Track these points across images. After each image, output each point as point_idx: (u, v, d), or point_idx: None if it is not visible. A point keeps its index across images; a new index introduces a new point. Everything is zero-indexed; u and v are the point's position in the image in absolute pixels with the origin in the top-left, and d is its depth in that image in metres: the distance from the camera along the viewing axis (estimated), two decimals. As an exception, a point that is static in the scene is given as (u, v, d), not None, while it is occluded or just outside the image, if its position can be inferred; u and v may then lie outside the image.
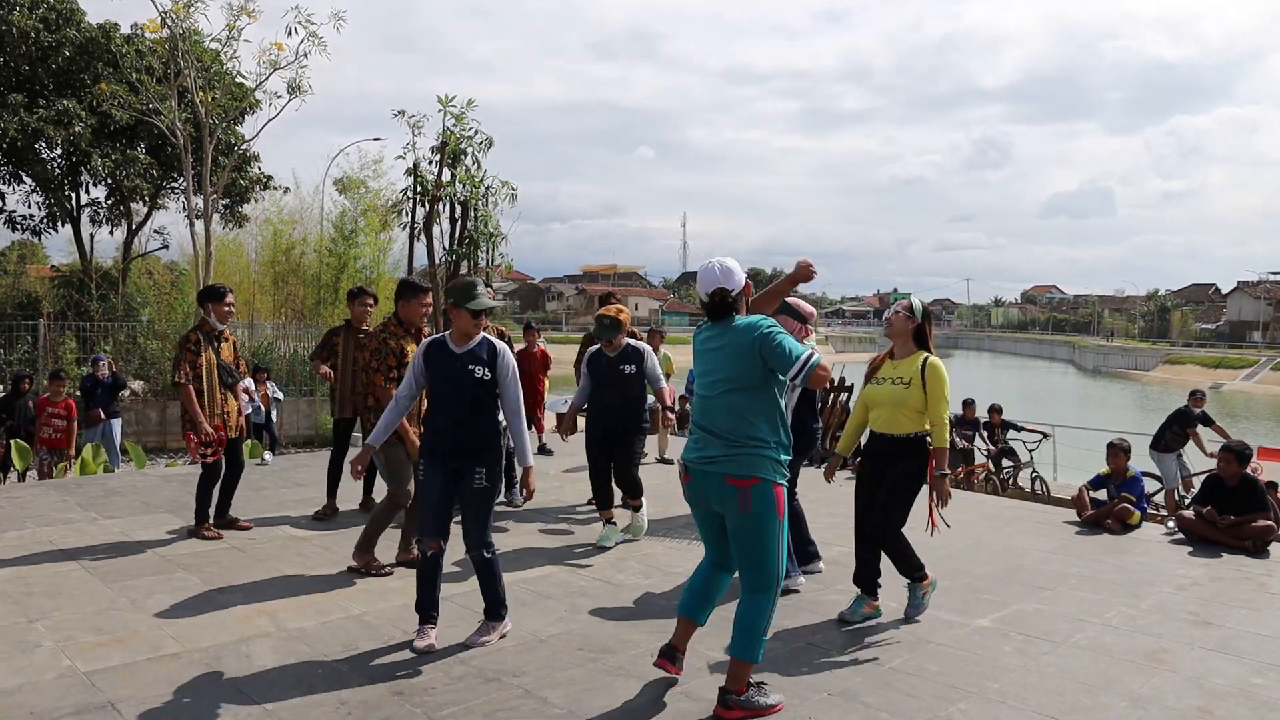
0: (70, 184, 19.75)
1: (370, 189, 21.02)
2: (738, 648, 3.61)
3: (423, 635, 4.30)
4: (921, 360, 4.72)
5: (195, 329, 6.31)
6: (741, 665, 3.62)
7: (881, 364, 4.94)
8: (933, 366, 4.69)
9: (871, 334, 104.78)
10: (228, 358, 6.41)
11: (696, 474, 3.71)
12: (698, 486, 3.72)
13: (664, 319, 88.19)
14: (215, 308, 6.30)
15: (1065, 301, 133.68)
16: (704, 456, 3.67)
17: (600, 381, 6.46)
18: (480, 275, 12.71)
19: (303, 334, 19.60)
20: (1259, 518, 6.54)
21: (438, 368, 4.35)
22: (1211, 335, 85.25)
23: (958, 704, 3.81)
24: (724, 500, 3.62)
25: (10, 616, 4.66)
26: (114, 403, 12.36)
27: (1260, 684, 4.09)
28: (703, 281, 3.78)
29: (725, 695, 3.63)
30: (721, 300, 3.74)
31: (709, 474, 3.65)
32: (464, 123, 12.19)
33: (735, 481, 3.56)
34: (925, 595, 4.89)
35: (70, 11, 18.17)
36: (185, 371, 6.11)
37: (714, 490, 3.65)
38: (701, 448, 3.70)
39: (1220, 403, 42.07)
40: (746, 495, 3.55)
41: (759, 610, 3.60)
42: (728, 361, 3.68)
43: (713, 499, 3.69)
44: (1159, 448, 11.50)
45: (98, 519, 6.89)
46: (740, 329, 3.67)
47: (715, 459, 3.63)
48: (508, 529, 6.80)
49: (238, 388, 6.50)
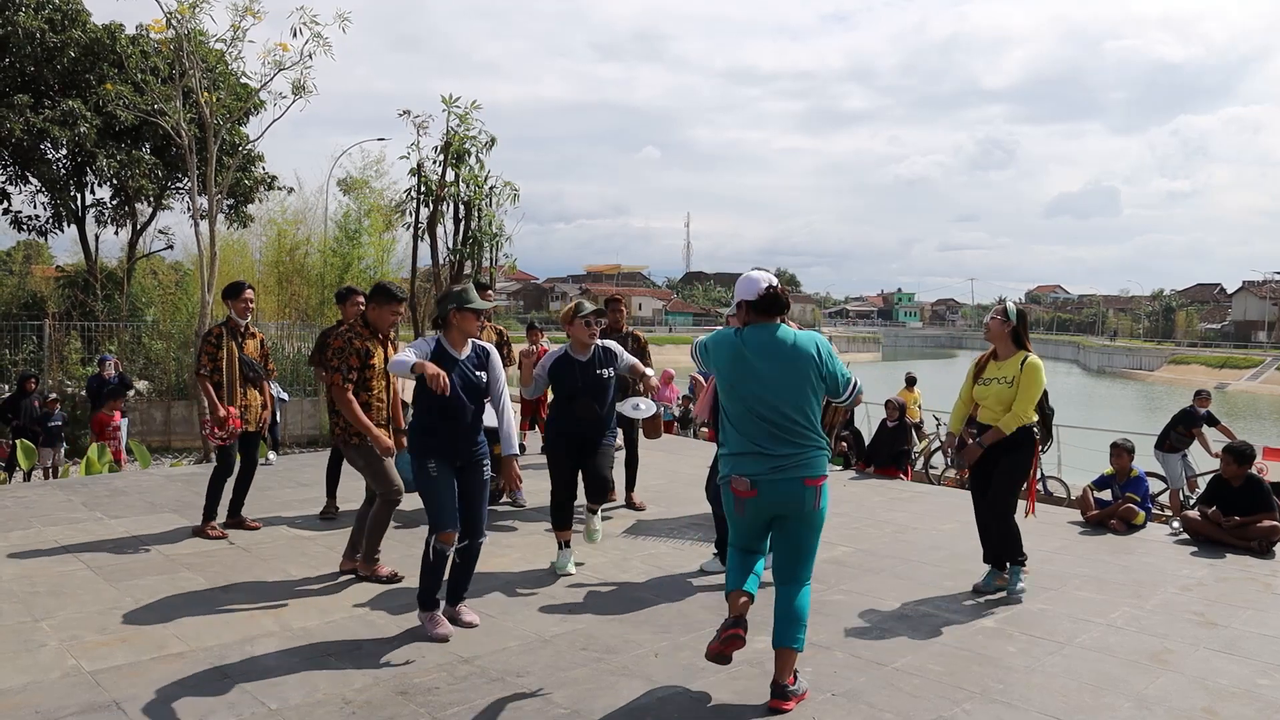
0: (75, 184, 19.78)
1: (374, 189, 21.06)
2: (791, 637, 3.72)
3: (444, 622, 4.50)
4: (1022, 359, 5.23)
5: (221, 324, 6.47)
6: (793, 655, 3.74)
7: (987, 364, 5.42)
8: (1030, 366, 5.20)
9: (875, 334, 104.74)
10: (253, 354, 6.51)
11: (767, 484, 3.70)
12: (768, 497, 3.72)
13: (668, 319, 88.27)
14: (234, 304, 6.44)
15: (1069, 301, 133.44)
16: (774, 465, 3.69)
17: (572, 389, 5.62)
18: (484, 275, 12.72)
19: (306, 334, 19.63)
20: (1264, 518, 6.53)
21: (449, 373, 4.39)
22: (1216, 335, 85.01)
23: (962, 704, 3.80)
24: (794, 502, 3.71)
25: (16, 615, 4.68)
26: (120, 403, 12.41)
27: (1265, 685, 4.08)
28: (748, 287, 3.84)
29: (781, 688, 3.73)
30: (776, 295, 3.80)
31: (781, 481, 3.70)
32: (468, 123, 12.21)
33: (811, 481, 3.72)
34: (1021, 580, 5.31)
35: (75, 12, 18.19)
36: (204, 364, 6.31)
37: (787, 494, 3.70)
38: (766, 456, 3.70)
39: (1225, 403, 42.00)
40: (818, 494, 3.74)
41: (807, 600, 3.80)
42: (794, 369, 3.73)
43: (782, 504, 3.73)
44: (1164, 448, 11.47)
45: (103, 518, 6.91)
46: (803, 340, 3.79)
47: (785, 465, 3.69)
48: (515, 528, 6.80)
49: (263, 383, 6.57)
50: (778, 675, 3.75)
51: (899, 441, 10.42)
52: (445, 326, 4.51)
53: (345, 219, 20.51)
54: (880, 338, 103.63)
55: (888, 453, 10.28)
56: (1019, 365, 5.20)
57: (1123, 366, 72.57)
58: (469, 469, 4.52)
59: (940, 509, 7.84)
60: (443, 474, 4.42)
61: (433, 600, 4.51)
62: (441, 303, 4.53)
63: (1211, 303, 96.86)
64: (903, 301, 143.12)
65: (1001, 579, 5.36)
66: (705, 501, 7.73)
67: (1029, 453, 5.27)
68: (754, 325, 3.82)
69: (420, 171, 12.55)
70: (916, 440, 12.86)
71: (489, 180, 12.59)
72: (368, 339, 5.33)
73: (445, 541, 4.40)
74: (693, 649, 4.30)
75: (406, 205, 13.38)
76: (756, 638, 4.52)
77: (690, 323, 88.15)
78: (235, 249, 20.79)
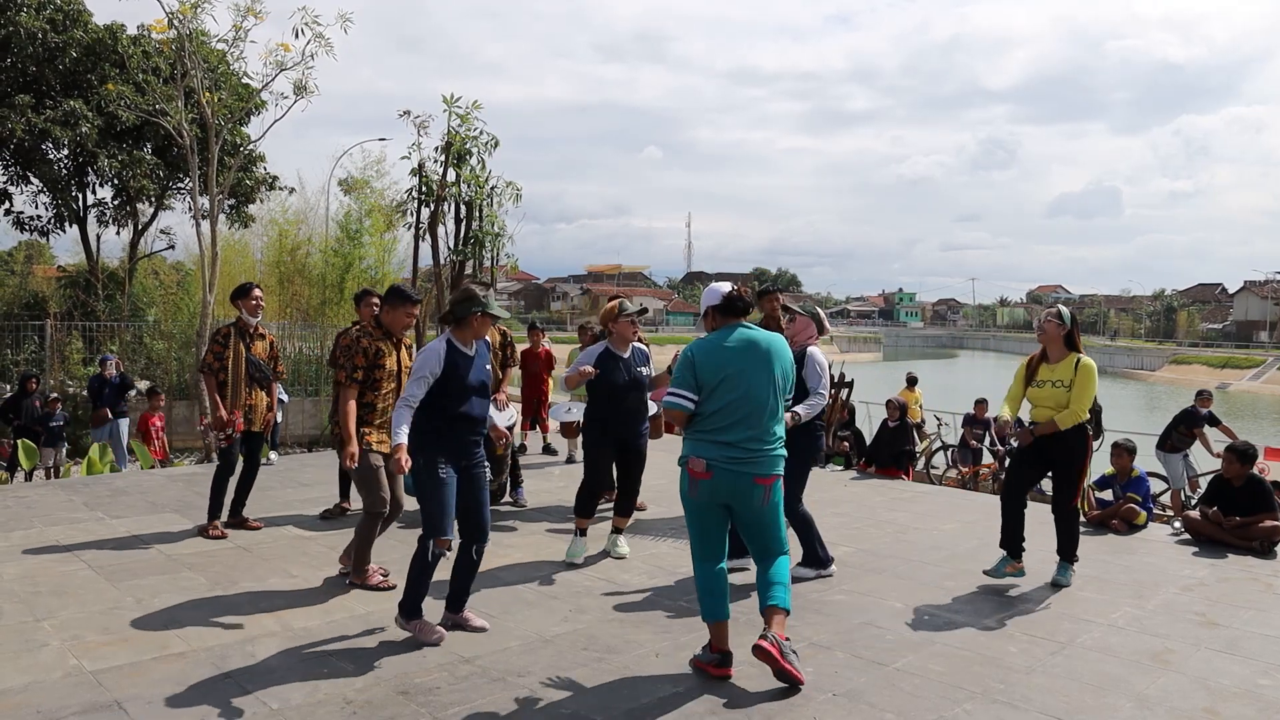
0: (77, 184, 19.76)
1: (375, 189, 21.05)
2: (776, 597, 3.93)
3: (436, 627, 4.44)
4: (1075, 361, 5.38)
5: (231, 324, 6.50)
6: (783, 614, 3.94)
7: (1039, 366, 5.54)
8: (1085, 367, 5.34)
9: (876, 334, 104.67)
10: (261, 354, 6.52)
11: (723, 473, 3.88)
12: (720, 484, 3.90)
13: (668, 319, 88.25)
14: (244, 303, 6.47)
15: (1070, 301, 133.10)
16: (734, 456, 3.88)
17: (617, 385, 5.92)
18: (485, 275, 12.72)
19: (307, 334, 19.62)
20: (1265, 518, 6.53)
21: (464, 371, 4.40)
22: (1218, 335, 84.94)
23: (963, 704, 3.80)
24: (744, 495, 3.90)
25: (17, 615, 4.69)
26: (121, 403, 12.40)
27: (1266, 685, 4.08)
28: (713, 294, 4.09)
29: (785, 645, 3.87)
30: (741, 298, 4.01)
31: (739, 473, 3.88)
32: (469, 123, 12.20)
33: (762, 480, 3.90)
34: (1071, 573, 5.56)
35: (77, 13, 18.17)
36: (208, 360, 6.35)
37: (736, 487, 3.90)
38: (734, 448, 3.88)
39: (1227, 403, 41.94)
40: (768, 491, 3.93)
41: (785, 566, 4.05)
42: (772, 369, 3.95)
43: (731, 495, 3.92)
44: (1165, 448, 11.47)
45: (104, 518, 6.92)
46: (780, 342, 4.04)
47: (746, 459, 3.88)
48: (515, 528, 6.81)
49: (270, 385, 6.58)
50: (777, 627, 3.88)
51: (900, 442, 10.42)
52: (461, 326, 4.44)
53: (346, 219, 20.51)
54: (881, 338, 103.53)
55: (889, 453, 10.28)
56: (1073, 367, 5.36)
57: (1124, 366, 72.48)
58: (473, 470, 4.50)
59: (941, 509, 7.84)
60: (451, 477, 4.39)
61: (418, 608, 4.43)
62: (464, 304, 4.44)
63: (1213, 303, 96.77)
64: (904, 301, 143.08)
65: (1013, 566, 5.47)
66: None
67: (1085, 449, 5.44)
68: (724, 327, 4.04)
69: (421, 171, 12.55)
70: (918, 440, 12.85)
71: (490, 180, 12.59)
72: (379, 340, 5.33)
73: (443, 546, 4.36)
74: (693, 649, 4.30)
75: (407, 205, 13.38)
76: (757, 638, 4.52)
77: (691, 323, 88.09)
78: (236, 249, 20.79)
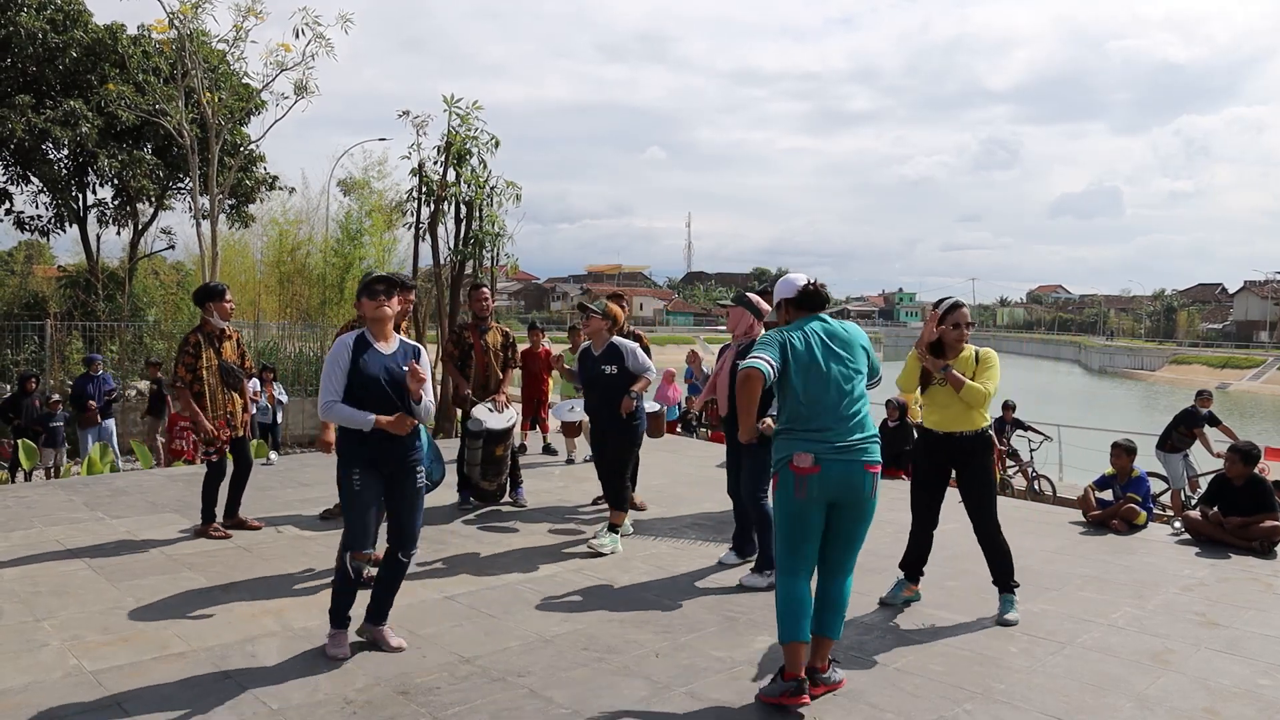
0: (77, 184, 19.75)
1: (375, 189, 21.07)
2: (836, 628, 3.86)
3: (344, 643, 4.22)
4: (974, 353, 4.99)
5: (195, 330, 6.28)
6: (832, 643, 3.89)
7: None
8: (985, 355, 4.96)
9: (876, 334, 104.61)
10: (230, 356, 6.36)
11: (833, 464, 3.73)
12: (830, 477, 3.72)
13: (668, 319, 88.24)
14: (218, 306, 6.25)
15: (1071, 301, 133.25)
16: (840, 446, 3.74)
17: (585, 380, 6.24)
18: (484, 275, 12.72)
19: (308, 334, 19.63)
20: (1266, 518, 6.52)
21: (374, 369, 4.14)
22: (1218, 335, 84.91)
23: (963, 704, 3.80)
24: (857, 487, 3.76)
25: (17, 615, 4.69)
26: (109, 405, 12.42)
27: (1267, 685, 4.08)
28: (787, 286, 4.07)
29: (815, 674, 3.81)
30: (818, 290, 4.00)
31: (850, 462, 3.75)
32: (469, 123, 12.21)
33: (871, 467, 3.81)
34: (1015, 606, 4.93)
35: (77, 13, 18.17)
36: (183, 375, 6.16)
37: (849, 476, 3.75)
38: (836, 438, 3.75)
39: (1227, 403, 41.95)
40: (877, 479, 3.84)
41: (849, 589, 3.93)
42: (857, 357, 3.92)
43: (842, 487, 3.75)
44: (1165, 448, 11.47)
45: (104, 519, 6.92)
46: (855, 329, 4.02)
47: (854, 447, 3.77)
48: (516, 529, 6.81)
49: (243, 385, 6.44)
50: (814, 660, 3.83)
51: (900, 442, 10.40)
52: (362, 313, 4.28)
53: (347, 219, 20.54)
54: (881, 337, 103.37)
55: (889, 453, 10.24)
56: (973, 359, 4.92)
57: (1124, 366, 72.45)
58: (399, 475, 4.19)
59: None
60: (367, 487, 4.11)
61: (344, 618, 4.23)
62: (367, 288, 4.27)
63: (1213, 303, 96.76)
64: (904, 301, 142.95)
65: (910, 589, 5.14)
66: (706, 501, 7.75)
67: (987, 447, 5.00)
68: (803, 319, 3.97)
69: (421, 172, 12.56)
70: (918, 440, 12.83)
71: (490, 180, 12.60)
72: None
73: (361, 560, 4.16)
74: (694, 649, 4.31)
75: (408, 205, 13.39)
76: (759, 637, 4.53)
77: (690, 323, 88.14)
78: (236, 249, 20.82)
